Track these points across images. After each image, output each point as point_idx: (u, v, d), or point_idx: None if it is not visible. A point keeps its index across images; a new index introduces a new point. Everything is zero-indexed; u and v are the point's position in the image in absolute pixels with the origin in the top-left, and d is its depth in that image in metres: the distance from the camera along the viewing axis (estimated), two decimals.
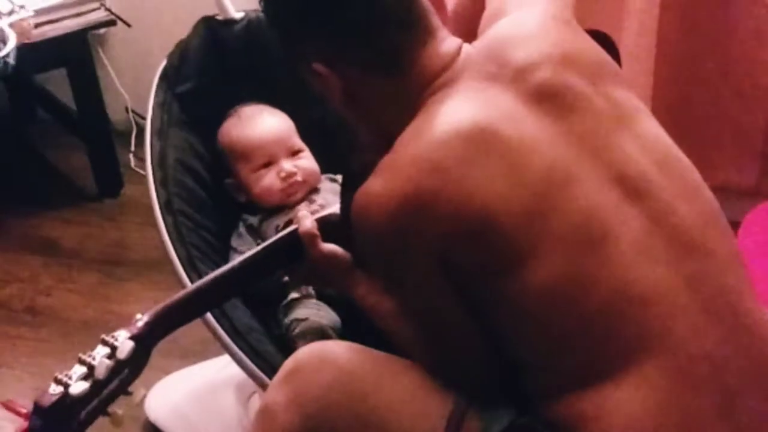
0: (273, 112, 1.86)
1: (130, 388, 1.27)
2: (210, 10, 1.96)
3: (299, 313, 1.63)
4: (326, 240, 1.43)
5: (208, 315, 1.53)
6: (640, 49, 2.26)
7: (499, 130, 1.23)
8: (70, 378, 1.19)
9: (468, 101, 1.27)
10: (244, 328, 1.57)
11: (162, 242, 1.66)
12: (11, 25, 2.39)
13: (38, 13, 2.52)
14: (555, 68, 1.28)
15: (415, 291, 1.27)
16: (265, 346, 1.57)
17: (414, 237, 1.22)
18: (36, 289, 2.51)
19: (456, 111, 1.26)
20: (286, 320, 1.64)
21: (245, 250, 1.71)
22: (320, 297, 1.66)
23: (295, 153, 1.82)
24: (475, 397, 1.26)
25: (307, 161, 1.82)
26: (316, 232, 1.42)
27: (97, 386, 1.21)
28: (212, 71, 1.91)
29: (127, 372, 1.26)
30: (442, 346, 1.28)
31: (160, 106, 1.82)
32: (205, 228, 1.75)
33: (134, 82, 3.00)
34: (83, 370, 1.20)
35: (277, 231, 1.69)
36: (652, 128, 1.32)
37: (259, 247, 1.45)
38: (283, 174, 1.78)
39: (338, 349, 1.33)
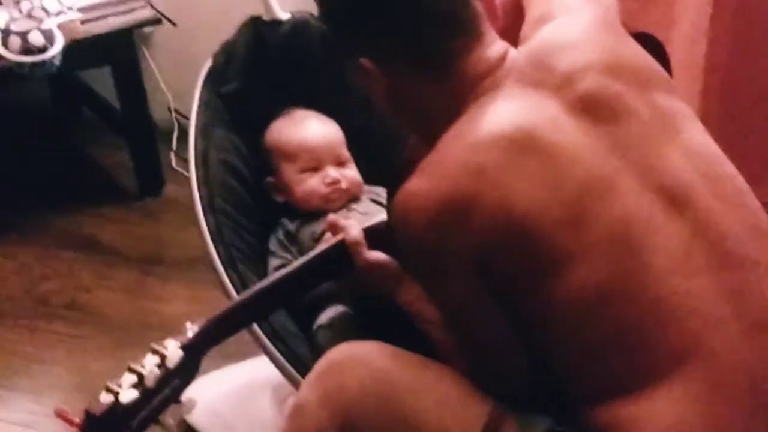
0: (325, 119, 1.87)
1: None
2: (256, 10, 1.95)
3: (321, 319, 1.62)
4: (374, 249, 1.43)
5: None
6: (689, 57, 2.24)
7: (541, 136, 1.23)
8: (120, 386, 1.19)
9: (511, 106, 1.27)
10: (284, 331, 1.57)
11: (203, 241, 1.66)
12: (59, 26, 2.39)
13: (84, 10, 2.53)
14: (600, 76, 1.28)
15: (451, 293, 1.27)
16: (304, 350, 1.56)
17: (452, 238, 1.22)
18: (75, 285, 2.52)
19: (499, 114, 1.26)
20: (313, 328, 1.63)
21: (283, 255, 1.71)
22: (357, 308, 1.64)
23: (341, 162, 1.82)
24: (512, 405, 1.25)
25: (352, 171, 1.82)
26: (363, 240, 1.43)
27: (147, 395, 1.22)
28: (257, 72, 1.91)
29: (178, 381, 1.27)
30: (478, 350, 1.28)
31: (204, 105, 1.82)
32: (245, 229, 1.75)
33: (177, 81, 3.00)
34: (133, 378, 1.21)
35: (313, 238, 1.69)
36: (697, 136, 1.31)
37: (307, 257, 1.45)
38: (328, 180, 1.78)
39: (372, 349, 1.33)
